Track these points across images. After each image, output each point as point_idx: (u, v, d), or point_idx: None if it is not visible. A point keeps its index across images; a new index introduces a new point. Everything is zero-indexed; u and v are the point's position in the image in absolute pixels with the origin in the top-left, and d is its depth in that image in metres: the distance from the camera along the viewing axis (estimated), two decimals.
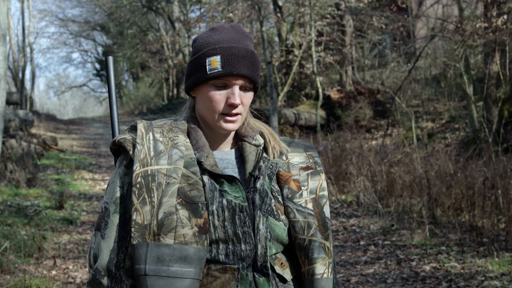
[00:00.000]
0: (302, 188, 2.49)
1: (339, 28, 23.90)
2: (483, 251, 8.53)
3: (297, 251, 2.47)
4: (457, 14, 21.59)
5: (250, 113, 2.60)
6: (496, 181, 9.97)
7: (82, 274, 8.50)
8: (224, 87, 2.39)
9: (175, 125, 2.44)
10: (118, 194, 2.36)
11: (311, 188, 2.50)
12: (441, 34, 18.56)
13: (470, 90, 14.42)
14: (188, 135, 2.44)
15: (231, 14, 22.87)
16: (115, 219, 2.34)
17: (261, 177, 2.42)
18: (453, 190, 10.37)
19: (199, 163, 2.38)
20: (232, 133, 2.51)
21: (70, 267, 8.80)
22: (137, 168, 2.30)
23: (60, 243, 9.75)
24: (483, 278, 7.42)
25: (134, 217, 2.26)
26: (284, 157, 2.54)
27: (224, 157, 2.47)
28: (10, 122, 18.55)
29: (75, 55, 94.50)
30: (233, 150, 2.51)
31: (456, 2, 20.02)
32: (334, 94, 23.52)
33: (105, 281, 2.32)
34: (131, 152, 2.36)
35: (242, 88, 2.41)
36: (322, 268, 2.46)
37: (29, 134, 19.75)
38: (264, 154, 2.50)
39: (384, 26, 23.50)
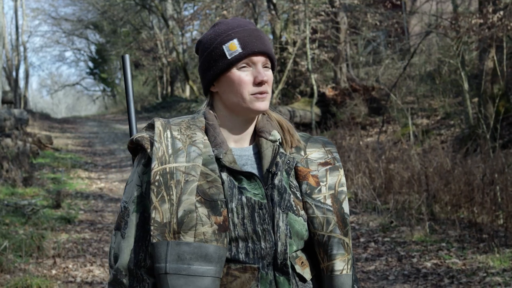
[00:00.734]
0: (321, 183, 2.48)
1: (333, 25, 23.89)
2: (483, 247, 8.54)
3: (316, 247, 2.46)
4: (451, 10, 21.65)
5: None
6: (494, 177, 9.99)
7: (82, 273, 8.48)
8: (247, 68, 2.39)
9: (192, 123, 2.42)
10: (137, 193, 2.36)
11: (329, 184, 2.49)
12: (436, 30, 18.56)
13: (466, 86, 14.43)
14: (206, 132, 2.42)
15: (225, 12, 22.88)
16: (134, 218, 2.34)
17: (279, 173, 2.41)
18: (452, 186, 10.37)
19: (218, 160, 2.36)
20: (253, 127, 2.50)
21: (70, 266, 8.78)
22: (155, 166, 2.29)
23: (59, 242, 9.73)
24: (484, 274, 7.43)
25: (153, 215, 2.25)
26: (302, 153, 2.53)
27: (242, 154, 2.46)
28: (5, 121, 18.51)
29: (68, 54, 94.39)
30: (251, 146, 2.50)
31: None
32: (329, 91, 23.51)
33: (126, 280, 2.32)
34: (149, 150, 2.35)
35: (263, 66, 2.42)
36: (341, 264, 2.45)
37: (25, 133, 19.70)
38: (281, 149, 2.48)
39: (378, 23, 23.50)
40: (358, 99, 21.91)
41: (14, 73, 37.34)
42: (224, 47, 2.39)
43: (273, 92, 22.44)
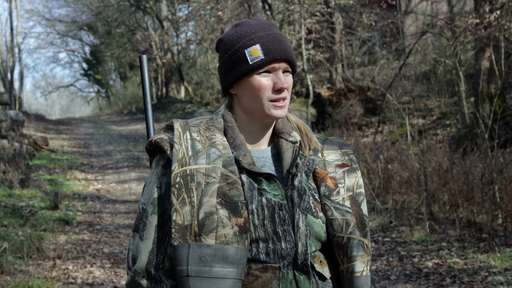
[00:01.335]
0: (339, 185, 2.47)
1: (328, 25, 23.90)
2: (483, 246, 8.56)
3: (335, 249, 2.46)
4: (446, 10, 21.67)
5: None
6: (493, 176, 10.00)
7: (82, 275, 8.48)
8: (268, 73, 2.39)
9: (211, 124, 2.41)
10: (155, 195, 2.34)
11: (347, 185, 2.48)
12: (433, 30, 18.58)
13: (464, 85, 14.45)
14: (225, 133, 2.42)
15: (220, 13, 22.87)
16: (153, 220, 2.32)
17: (299, 174, 2.41)
18: (451, 185, 10.39)
19: (237, 161, 2.36)
20: (270, 130, 2.50)
21: (70, 267, 8.77)
22: (176, 168, 2.28)
23: (58, 244, 9.72)
24: (486, 274, 7.44)
25: (174, 217, 2.24)
26: (319, 155, 2.53)
27: (260, 155, 2.46)
28: (1, 122, 18.47)
29: (62, 55, 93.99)
30: (269, 148, 2.50)
31: None
32: (324, 92, 23.53)
33: (144, 282, 2.30)
34: (168, 152, 2.34)
35: (284, 72, 2.41)
36: (361, 266, 2.45)
37: (21, 134, 19.67)
38: (300, 151, 2.49)
39: (373, 23, 23.52)
40: (354, 99, 21.93)
41: (9, 75, 37.28)
42: (246, 51, 2.38)
43: None
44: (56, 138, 24.56)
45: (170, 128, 2.44)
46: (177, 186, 2.26)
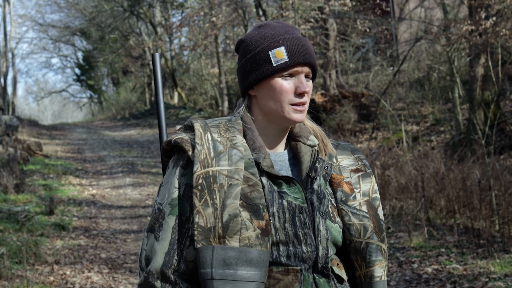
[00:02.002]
0: (355, 190, 2.47)
1: (322, 31, 23.90)
2: (482, 252, 8.56)
3: (352, 254, 2.45)
4: (440, 17, 21.72)
5: None
6: (490, 182, 10.01)
7: (80, 280, 8.45)
8: (290, 77, 2.37)
9: (230, 125, 2.39)
10: (174, 195, 2.31)
11: (363, 190, 2.48)
12: (427, 36, 18.61)
13: (461, 92, 14.48)
14: (244, 135, 2.40)
15: (214, 19, 22.86)
16: (170, 221, 2.29)
17: (318, 178, 2.40)
18: (449, 191, 10.39)
19: (257, 164, 2.34)
20: (286, 134, 2.48)
21: (68, 272, 8.74)
22: (198, 169, 2.26)
23: (55, 249, 9.68)
24: (487, 280, 7.43)
25: (196, 219, 2.22)
26: (334, 160, 2.52)
27: (277, 159, 2.44)
28: None
29: (55, 60, 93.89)
30: (286, 151, 2.49)
31: (440, 5, 20.13)
32: (318, 98, 23.51)
33: (158, 284, 2.27)
34: (190, 153, 2.31)
35: (305, 77, 2.40)
36: (380, 271, 2.44)
37: (16, 139, 19.60)
38: (319, 155, 2.47)
39: (368, 30, 23.55)
40: (348, 105, 21.92)
41: (2, 80, 37.21)
42: (270, 52, 2.37)
43: None
44: (50, 143, 24.51)
45: (189, 129, 2.41)
46: (199, 187, 2.24)
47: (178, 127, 25.74)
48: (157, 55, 2.74)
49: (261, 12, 22.62)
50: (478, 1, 13.64)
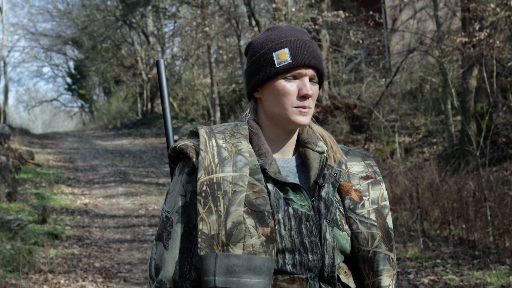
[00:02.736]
0: (364, 198, 2.43)
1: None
2: (478, 263, 8.55)
3: (360, 263, 2.42)
4: (432, 29, 21.77)
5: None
6: (485, 194, 10.01)
7: None
8: (294, 79, 2.35)
9: (236, 130, 2.37)
10: (180, 203, 2.29)
11: (372, 198, 2.45)
12: (420, 48, 18.64)
13: (456, 103, 14.50)
14: (250, 140, 2.37)
15: (207, 29, 22.87)
16: (178, 229, 2.27)
17: (326, 185, 2.37)
18: (445, 203, 10.39)
19: (263, 170, 2.31)
20: (295, 138, 2.46)
21: (62, 281, 8.69)
22: (202, 176, 2.23)
23: (48, 258, 9.63)
24: None
25: (200, 227, 2.19)
26: (343, 167, 2.49)
27: (285, 165, 2.41)
28: None
29: (46, 69, 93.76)
30: (294, 157, 2.46)
31: (433, 17, 20.18)
32: None
33: None
34: (194, 159, 2.28)
35: (310, 80, 2.37)
36: (387, 280, 2.41)
37: (8, 148, 19.53)
38: (328, 162, 2.44)
39: (360, 41, 23.58)
40: (340, 116, 21.92)
41: None
42: (274, 54, 2.35)
43: None
44: (41, 152, 24.43)
45: (194, 135, 2.39)
46: (203, 194, 2.21)
47: (175, 136, 25.58)
48: (161, 61, 2.72)
49: (254, 23, 22.62)
50: (472, 13, 13.68)
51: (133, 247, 10.66)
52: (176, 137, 2.59)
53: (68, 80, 51.54)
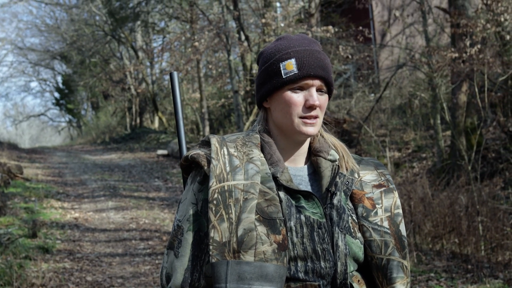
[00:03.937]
0: (377, 206, 2.45)
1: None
2: (471, 277, 8.55)
3: (373, 271, 2.43)
4: (422, 44, 21.86)
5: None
6: (477, 208, 10.04)
7: None
8: (301, 90, 2.36)
9: (248, 139, 2.38)
10: (191, 212, 2.30)
11: (385, 206, 2.46)
12: (410, 63, 18.71)
13: (448, 117, 14.54)
14: (262, 149, 2.38)
15: (196, 43, 22.88)
16: (189, 237, 2.28)
17: (338, 193, 2.38)
18: (437, 217, 10.40)
19: (275, 178, 2.32)
20: (306, 147, 2.47)
21: None
22: (214, 184, 2.24)
23: (40, 272, 9.57)
24: None
25: (211, 234, 2.20)
26: (356, 175, 2.50)
27: (297, 173, 2.42)
28: None
29: (34, 84, 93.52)
30: (306, 166, 2.46)
31: (422, 33, 20.26)
32: None
33: None
34: (206, 168, 2.30)
35: (318, 91, 2.38)
36: None
37: None
38: (340, 170, 2.45)
39: (350, 56, 23.65)
40: (330, 131, 21.91)
41: None
42: (281, 64, 2.36)
43: (244, 123, 22.46)
44: (30, 166, 24.32)
45: (206, 144, 2.40)
46: (215, 202, 2.22)
47: (159, 151, 25.78)
48: (175, 73, 2.73)
49: (243, 37, 22.67)
50: (462, 28, 13.74)
51: (125, 261, 10.62)
52: (165, 152, 2.58)
53: (56, 94, 51.41)
